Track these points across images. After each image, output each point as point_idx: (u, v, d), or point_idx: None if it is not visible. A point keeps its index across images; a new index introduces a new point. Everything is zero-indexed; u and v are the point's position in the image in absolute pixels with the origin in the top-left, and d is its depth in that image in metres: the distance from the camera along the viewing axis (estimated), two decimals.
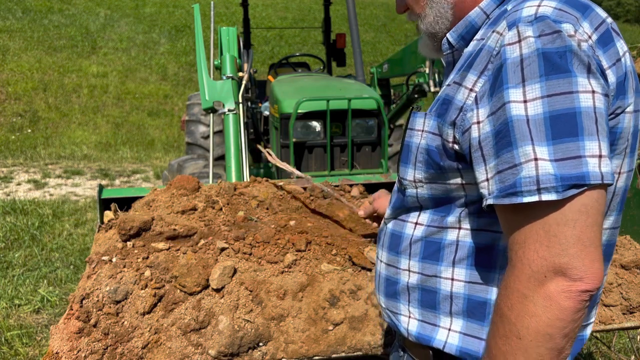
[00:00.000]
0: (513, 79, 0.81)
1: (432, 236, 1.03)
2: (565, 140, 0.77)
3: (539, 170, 0.76)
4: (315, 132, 3.55)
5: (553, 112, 0.78)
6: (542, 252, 0.77)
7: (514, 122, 0.79)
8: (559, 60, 0.79)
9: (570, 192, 0.76)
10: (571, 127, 0.77)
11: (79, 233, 4.96)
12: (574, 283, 0.75)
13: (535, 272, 0.77)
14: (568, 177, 0.76)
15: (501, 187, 0.80)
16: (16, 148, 8.79)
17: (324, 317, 1.59)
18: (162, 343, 1.50)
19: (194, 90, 11.17)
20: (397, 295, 1.10)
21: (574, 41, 0.80)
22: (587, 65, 0.79)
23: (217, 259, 1.66)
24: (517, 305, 0.79)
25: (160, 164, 8.06)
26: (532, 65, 0.80)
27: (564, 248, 0.76)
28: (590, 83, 0.79)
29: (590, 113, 0.78)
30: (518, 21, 0.83)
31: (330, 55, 6.13)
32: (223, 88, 2.97)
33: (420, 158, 1.00)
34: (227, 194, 2.04)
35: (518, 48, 0.81)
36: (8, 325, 3.37)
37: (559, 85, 0.78)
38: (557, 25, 0.81)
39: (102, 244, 1.79)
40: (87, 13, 15.53)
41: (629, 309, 1.77)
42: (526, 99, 0.79)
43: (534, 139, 0.78)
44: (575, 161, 0.76)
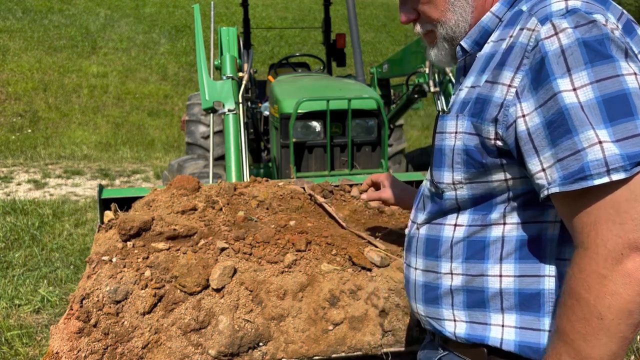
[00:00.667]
0: (558, 69, 0.84)
1: (475, 235, 1.03)
2: (622, 120, 0.80)
3: (605, 152, 0.79)
4: (315, 132, 3.55)
5: (605, 96, 0.81)
6: (616, 230, 0.79)
7: (569, 110, 0.82)
8: (599, 47, 0.82)
9: (637, 168, 0.79)
10: (625, 107, 0.80)
11: (79, 233, 4.96)
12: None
13: (611, 250, 0.79)
14: (634, 155, 0.78)
15: (565, 174, 0.82)
16: (16, 148, 8.79)
17: (324, 317, 1.59)
18: (162, 343, 1.50)
19: (194, 90, 11.16)
20: (438, 300, 1.09)
21: (608, 29, 0.84)
22: (624, 50, 0.84)
23: (217, 259, 1.67)
24: (595, 286, 0.80)
25: (160, 164, 8.06)
26: (574, 54, 0.83)
27: (637, 223, 0.78)
28: (630, 66, 0.83)
29: (638, 92, 0.81)
30: (550, 16, 0.87)
31: (330, 55, 6.12)
32: (223, 88, 2.97)
33: (458, 159, 1.01)
34: (227, 194, 2.05)
35: (557, 40, 0.85)
36: (8, 325, 3.37)
37: (605, 70, 0.82)
38: (590, 16, 0.85)
39: (102, 244, 1.79)
40: (87, 13, 15.53)
41: None
42: (575, 86, 0.82)
43: (593, 123, 0.80)
44: (637, 139, 0.79)
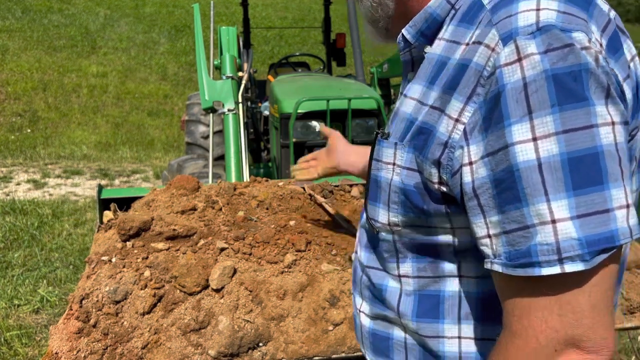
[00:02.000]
0: (516, 110, 0.63)
1: (427, 289, 0.84)
2: (589, 190, 0.61)
3: (559, 235, 0.61)
4: (315, 132, 3.55)
5: (572, 154, 0.61)
6: (553, 322, 0.64)
7: (521, 171, 0.63)
8: (573, 83, 0.61)
9: (599, 258, 0.61)
10: (595, 172, 0.61)
11: (79, 233, 4.96)
12: (588, 356, 0.64)
13: (543, 345, 0.64)
14: (596, 241, 0.61)
15: (512, 253, 0.65)
16: (16, 148, 8.78)
17: (324, 317, 1.58)
18: (161, 343, 1.50)
19: (193, 90, 11.16)
20: (390, 353, 0.93)
21: (589, 56, 0.62)
22: (606, 88, 0.63)
23: (217, 259, 1.66)
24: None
25: (160, 164, 8.05)
26: (539, 91, 0.62)
27: (578, 318, 0.63)
28: (609, 111, 0.62)
29: (613, 152, 0.62)
30: (515, 33, 0.64)
31: (330, 55, 6.12)
32: (223, 88, 2.97)
33: (394, 198, 0.80)
34: (227, 194, 2.04)
35: (519, 69, 0.63)
36: (7, 325, 3.37)
37: (577, 117, 0.61)
38: (567, 37, 0.62)
39: (102, 244, 1.78)
40: (87, 13, 15.52)
41: (629, 309, 1.77)
42: (536, 135, 0.62)
43: (549, 192, 0.61)
44: (602, 217, 0.61)
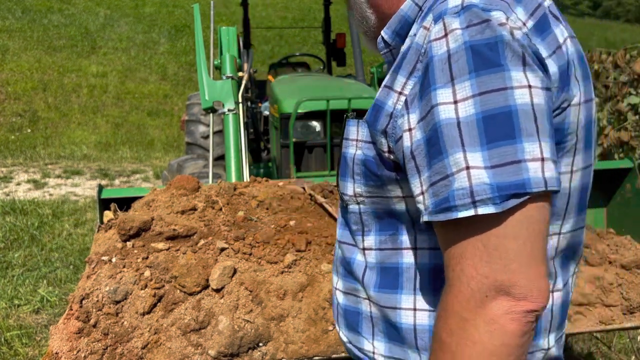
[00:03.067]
0: (441, 77, 0.72)
1: (388, 261, 0.91)
2: (501, 143, 0.67)
3: (472, 180, 0.67)
4: (315, 132, 3.55)
5: (486, 112, 0.68)
6: (482, 268, 0.67)
7: (442, 127, 0.70)
8: (489, 52, 0.70)
9: (510, 202, 0.66)
10: (507, 127, 0.68)
11: (79, 233, 4.96)
12: (518, 302, 0.66)
13: (475, 291, 0.67)
14: (506, 186, 0.66)
15: (435, 202, 0.71)
16: (16, 148, 8.78)
17: (324, 317, 1.58)
18: (161, 343, 1.50)
19: (193, 90, 11.15)
20: (359, 327, 0.98)
21: (505, 30, 0.71)
22: (521, 57, 0.70)
23: (217, 259, 1.66)
24: (457, 330, 0.69)
25: (160, 164, 8.05)
26: (460, 60, 0.70)
27: (506, 263, 0.67)
28: (526, 76, 0.70)
29: (528, 111, 0.68)
30: (444, 13, 0.74)
31: (330, 55, 6.12)
32: (223, 88, 2.96)
33: (357, 170, 0.90)
34: (227, 194, 2.04)
35: (445, 43, 0.72)
36: (8, 325, 3.37)
37: (491, 81, 0.69)
38: (486, 14, 0.71)
39: (102, 244, 1.78)
40: (87, 13, 15.52)
41: (629, 309, 1.77)
42: (456, 99, 0.70)
43: (466, 145, 0.68)
44: (514, 167, 0.67)
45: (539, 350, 0.88)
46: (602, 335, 3.15)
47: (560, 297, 0.89)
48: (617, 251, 2.00)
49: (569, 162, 0.82)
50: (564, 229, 0.86)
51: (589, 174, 0.87)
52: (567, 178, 0.82)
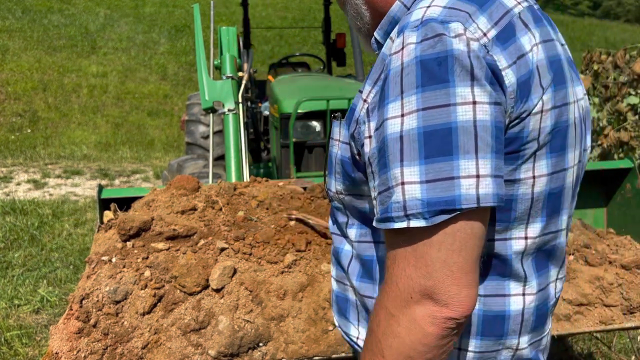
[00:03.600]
0: (394, 91, 0.74)
1: (366, 253, 0.97)
2: (437, 159, 0.70)
3: (406, 194, 0.71)
4: (315, 132, 3.55)
5: (427, 128, 0.70)
6: (409, 271, 0.72)
7: (388, 141, 0.74)
8: (437, 68, 0.71)
9: (438, 218, 0.70)
10: (445, 144, 0.70)
11: (79, 233, 4.96)
12: (439, 309, 0.71)
13: (402, 291, 0.73)
14: (436, 202, 0.70)
15: (380, 210, 0.76)
16: (16, 148, 8.78)
17: (324, 317, 1.58)
18: (161, 343, 1.50)
19: (193, 90, 11.16)
20: (347, 313, 1.05)
21: (460, 43, 0.71)
22: (469, 72, 0.71)
23: (217, 259, 1.66)
24: (383, 322, 0.75)
25: (160, 164, 8.05)
26: (410, 75, 0.72)
27: (430, 271, 0.71)
28: (473, 92, 0.70)
29: (469, 128, 0.70)
30: (405, 27, 0.76)
31: (330, 55, 6.12)
32: (223, 88, 2.96)
33: (338, 169, 0.95)
34: (227, 194, 2.04)
35: (400, 57, 0.74)
36: (8, 325, 3.37)
37: (435, 97, 0.70)
38: (442, 27, 0.72)
39: (102, 244, 1.78)
40: (87, 13, 15.52)
41: (629, 309, 1.77)
42: (403, 112, 0.72)
43: (404, 159, 0.72)
44: (447, 183, 0.70)
45: (505, 349, 0.90)
46: (602, 335, 3.15)
47: (534, 300, 0.89)
48: (617, 251, 2.00)
49: (529, 167, 0.82)
50: (530, 232, 0.86)
51: (561, 178, 0.86)
52: (528, 183, 0.82)
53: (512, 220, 0.83)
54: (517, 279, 0.87)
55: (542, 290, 0.91)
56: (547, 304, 0.94)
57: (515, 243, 0.85)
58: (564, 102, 0.82)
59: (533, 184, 0.83)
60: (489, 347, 0.89)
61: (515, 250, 0.85)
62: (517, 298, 0.88)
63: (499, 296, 0.87)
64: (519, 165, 0.80)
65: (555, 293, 0.95)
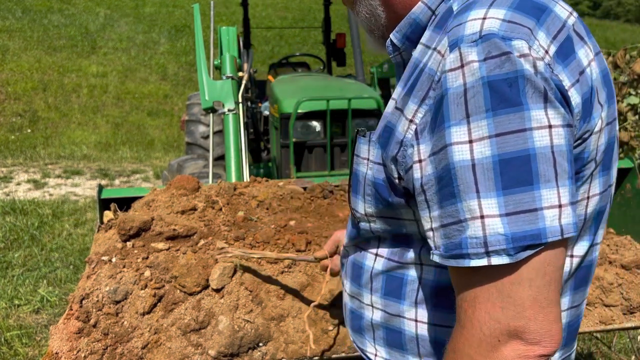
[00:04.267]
0: (456, 114, 0.68)
1: (395, 271, 0.92)
2: (517, 190, 0.65)
3: (487, 230, 0.65)
4: (315, 132, 3.55)
5: (503, 156, 0.65)
6: (496, 313, 0.67)
7: (457, 170, 0.67)
8: (508, 90, 0.65)
9: (524, 254, 0.65)
10: (524, 173, 0.65)
11: (79, 233, 4.96)
12: (531, 347, 0.66)
13: (487, 335, 0.67)
14: (521, 237, 0.64)
15: (447, 245, 0.70)
16: (16, 148, 8.78)
17: (324, 317, 1.58)
18: (161, 343, 1.50)
19: (193, 90, 11.16)
20: (362, 331, 1.01)
21: (527, 63, 0.66)
22: (543, 93, 0.66)
23: (217, 259, 1.66)
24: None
25: (160, 164, 8.05)
26: (476, 97, 0.66)
27: (519, 310, 0.66)
28: (547, 115, 0.65)
29: (547, 154, 0.65)
30: (460, 41, 0.69)
31: (330, 55, 6.12)
32: (223, 88, 2.97)
33: (368, 191, 0.88)
34: (227, 194, 2.04)
35: (461, 76, 0.68)
36: (8, 325, 3.37)
37: (510, 121, 0.65)
38: (507, 45, 0.66)
39: (102, 244, 1.78)
40: (87, 13, 15.52)
41: (629, 309, 1.77)
42: (472, 138, 0.67)
43: (480, 190, 0.66)
44: (530, 215, 0.65)
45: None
46: (602, 335, 3.15)
47: (565, 317, 0.88)
48: (617, 251, 2.00)
49: (585, 189, 0.79)
50: (576, 251, 0.84)
51: (607, 195, 0.83)
52: (583, 204, 0.79)
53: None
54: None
55: (575, 307, 0.89)
56: (578, 321, 0.92)
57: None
58: (613, 118, 0.79)
59: (587, 205, 0.80)
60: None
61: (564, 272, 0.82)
62: None
63: None
64: (578, 187, 0.77)
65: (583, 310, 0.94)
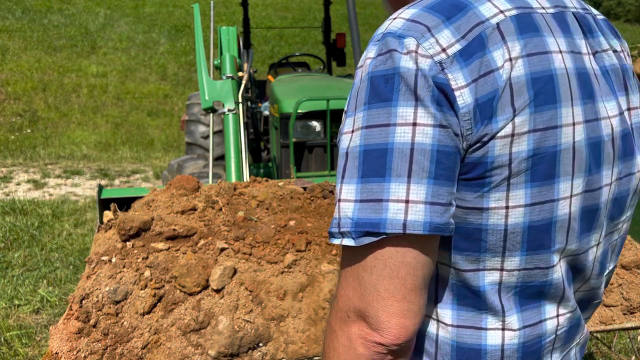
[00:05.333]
0: (351, 106, 0.74)
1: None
2: (371, 180, 0.68)
3: (341, 212, 0.71)
4: (315, 132, 3.55)
5: (367, 147, 0.69)
6: (349, 291, 0.73)
7: (340, 156, 0.74)
8: (383, 85, 0.69)
9: (364, 239, 0.68)
10: (380, 165, 0.68)
11: (79, 233, 4.96)
12: (370, 332, 0.70)
13: (341, 309, 0.73)
14: (363, 223, 0.68)
15: (332, 223, 0.75)
16: (16, 148, 8.78)
17: (324, 317, 1.58)
18: (161, 343, 1.50)
19: (193, 90, 11.16)
20: None
21: (410, 61, 0.68)
22: (413, 91, 0.67)
23: (217, 259, 1.66)
24: (328, 336, 0.77)
25: (160, 164, 8.05)
26: (361, 91, 0.72)
27: (363, 294, 0.70)
28: (415, 113, 0.67)
29: (405, 150, 0.67)
30: (371, 40, 0.75)
31: (330, 55, 6.13)
32: (223, 88, 2.97)
33: None
34: (227, 194, 2.04)
35: (360, 71, 0.74)
36: (7, 325, 3.37)
37: (378, 115, 0.69)
38: (396, 42, 0.69)
39: (102, 244, 1.78)
40: (87, 13, 15.53)
41: (629, 309, 1.77)
42: (353, 128, 0.72)
43: (346, 176, 0.71)
44: (376, 205, 0.68)
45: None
46: (602, 335, 3.15)
47: (516, 337, 0.82)
48: None
49: (500, 196, 0.74)
50: (507, 265, 0.79)
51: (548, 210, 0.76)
52: (500, 213, 0.75)
53: (483, 251, 0.78)
54: (494, 313, 0.81)
55: (529, 326, 0.83)
56: (541, 342, 0.85)
57: (489, 274, 0.79)
58: (551, 125, 0.73)
59: (507, 215, 0.75)
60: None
61: (488, 282, 0.79)
62: (495, 332, 0.81)
63: (474, 328, 0.82)
64: (486, 193, 0.74)
65: (556, 329, 0.86)
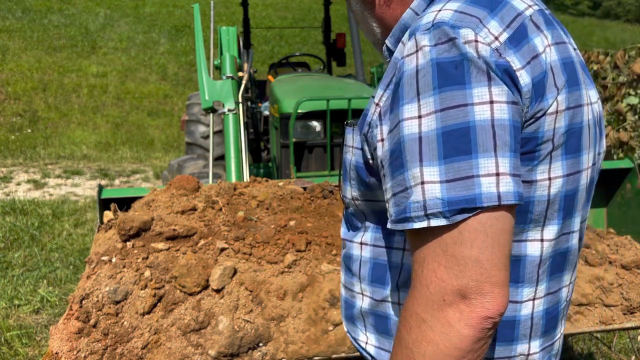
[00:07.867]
0: (409, 93, 0.75)
1: (379, 257, 0.97)
2: (456, 158, 0.70)
3: (426, 194, 0.71)
4: (315, 132, 3.55)
5: (446, 128, 0.71)
6: (441, 272, 0.70)
7: (405, 142, 0.74)
8: (453, 70, 0.72)
9: (458, 217, 0.70)
10: (464, 143, 0.70)
11: (79, 233, 4.95)
12: (474, 309, 0.69)
13: (433, 294, 0.71)
14: (456, 201, 0.70)
15: (396, 211, 0.76)
16: (16, 148, 8.78)
17: (324, 317, 1.58)
18: (161, 343, 1.50)
19: (193, 90, 11.15)
20: (354, 320, 1.06)
21: (470, 48, 0.73)
22: (486, 73, 0.72)
23: (217, 259, 1.66)
24: (415, 329, 0.73)
25: (160, 164, 8.05)
26: (426, 77, 0.74)
27: (462, 269, 0.69)
28: (490, 92, 0.72)
29: (486, 126, 0.71)
30: (416, 30, 0.77)
31: (330, 55, 6.12)
32: (223, 88, 2.97)
33: (352, 175, 0.96)
34: (227, 194, 2.04)
35: (415, 59, 0.75)
36: (8, 325, 3.37)
37: (453, 97, 0.72)
38: (454, 32, 0.74)
39: (102, 244, 1.78)
40: (87, 13, 15.52)
41: (629, 309, 1.77)
42: (421, 114, 0.73)
43: (424, 159, 0.72)
44: (467, 182, 0.70)
45: (518, 356, 0.90)
46: (602, 335, 3.15)
47: (542, 304, 0.89)
48: (617, 251, 2.00)
49: (544, 169, 0.82)
50: (546, 235, 0.86)
51: (576, 180, 0.86)
52: (544, 185, 0.82)
53: (529, 222, 0.83)
54: (530, 285, 0.87)
55: (552, 293, 0.90)
56: (558, 308, 0.93)
57: (531, 245, 0.85)
58: (578, 104, 0.83)
59: (549, 186, 0.83)
60: (500, 352, 0.88)
61: (530, 253, 0.85)
62: (527, 303, 0.87)
63: (512, 302, 0.86)
64: (535, 167, 0.80)
65: (567, 296, 0.95)
